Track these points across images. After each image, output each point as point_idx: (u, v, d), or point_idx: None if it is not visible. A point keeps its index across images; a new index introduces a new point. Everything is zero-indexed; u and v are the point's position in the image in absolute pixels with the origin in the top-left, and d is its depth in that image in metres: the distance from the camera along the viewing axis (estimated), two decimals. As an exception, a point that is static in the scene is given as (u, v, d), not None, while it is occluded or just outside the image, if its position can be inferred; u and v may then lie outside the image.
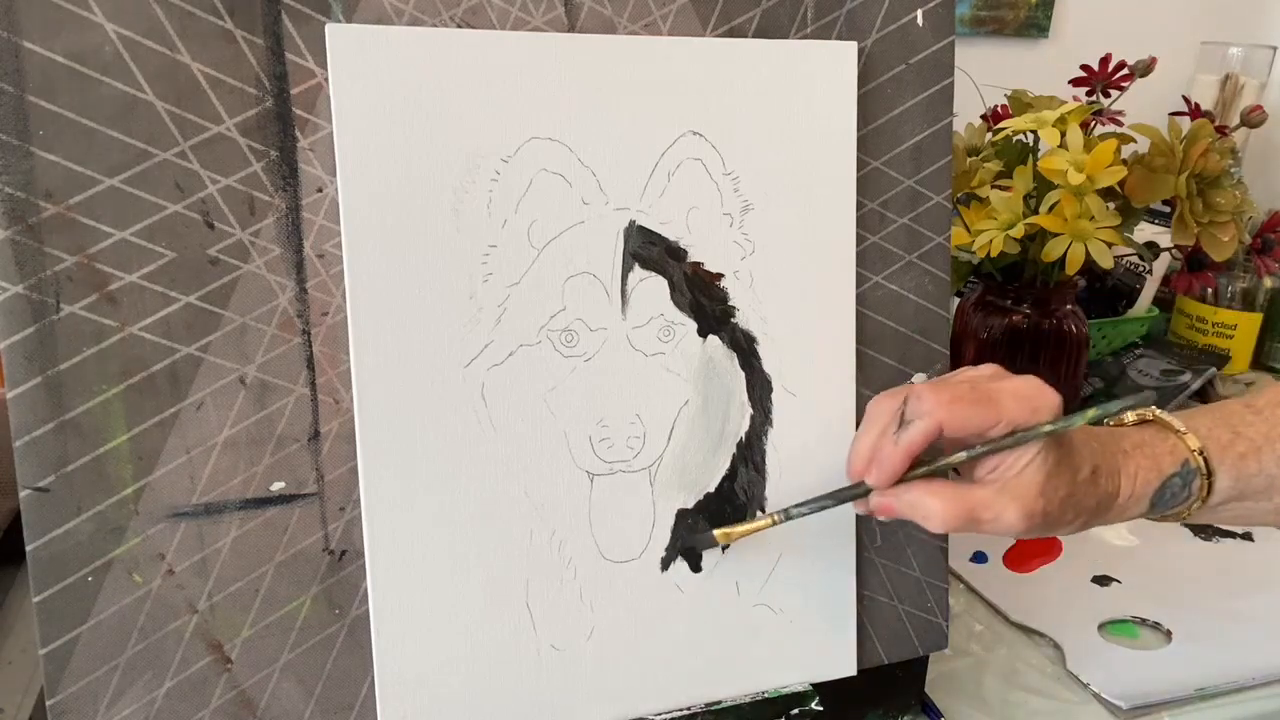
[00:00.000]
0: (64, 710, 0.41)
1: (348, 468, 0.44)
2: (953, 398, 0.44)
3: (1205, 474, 0.48)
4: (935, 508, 0.44)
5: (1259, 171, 1.30)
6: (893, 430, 0.45)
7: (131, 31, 0.40)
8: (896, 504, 0.45)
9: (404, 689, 0.45)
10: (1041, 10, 1.28)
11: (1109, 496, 0.47)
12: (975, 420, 0.44)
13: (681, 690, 0.50)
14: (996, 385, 0.45)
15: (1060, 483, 0.45)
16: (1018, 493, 0.44)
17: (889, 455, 0.45)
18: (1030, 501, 0.44)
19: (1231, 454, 0.49)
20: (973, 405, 0.44)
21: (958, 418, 0.44)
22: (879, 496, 0.46)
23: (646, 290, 0.47)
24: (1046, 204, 0.79)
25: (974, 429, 0.44)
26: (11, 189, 0.39)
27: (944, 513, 0.44)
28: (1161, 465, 0.48)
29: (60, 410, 0.40)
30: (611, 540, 0.48)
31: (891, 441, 0.45)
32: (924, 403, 0.44)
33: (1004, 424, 0.44)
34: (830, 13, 0.50)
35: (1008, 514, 0.44)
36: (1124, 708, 0.60)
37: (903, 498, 0.45)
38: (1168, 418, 0.50)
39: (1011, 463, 0.45)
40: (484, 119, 0.44)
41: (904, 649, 0.56)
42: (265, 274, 0.42)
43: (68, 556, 0.41)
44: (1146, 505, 0.49)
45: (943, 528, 0.45)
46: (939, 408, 0.44)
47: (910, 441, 0.44)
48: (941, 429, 0.44)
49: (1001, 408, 0.44)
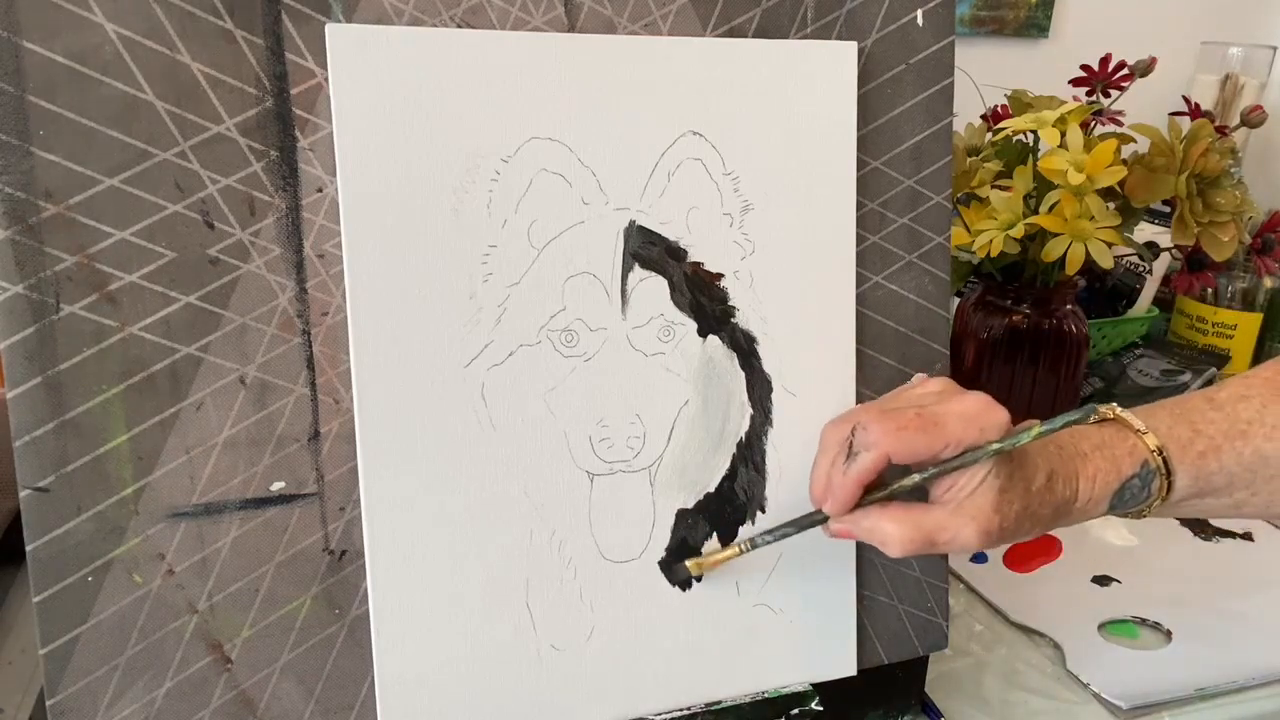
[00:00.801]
0: (64, 710, 0.41)
1: (348, 468, 0.44)
2: (898, 426, 0.44)
3: (1165, 474, 0.48)
4: (892, 532, 0.45)
5: (1259, 171, 1.30)
6: (841, 460, 0.45)
7: (131, 31, 0.40)
8: (854, 530, 0.46)
9: (404, 689, 0.45)
10: (1041, 10, 1.28)
11: (1066, 502, 0.47)
12: (921, 447, 0.44)
13: (681, 690, 0.50)
14: (943, 409, 0.45)
15: (1014, 496, 0.45)
16: (973, 512, 0.45)
17: (839, 485, 0.45)
18: (986, 519, 0.45)
19: (1191, 453, 0.49)
20: (918, 433, 0.44)
21: (905, 446, 0.44)
22: (836, 524, 0.46)
23: (646, 290, 0.47)
24: (1046, 204, 0.79)
25: (921, 456, 0.44)
26: (11, 189, 0.39)
27: (900, 537, 0.45)
28: (1121, 467, 0.48)
29: (60, 410, 0.40)
30: (611, 540, 0.48)
31: (841, 472, 0.45)
32: (870, 434, 0.44)
33: (951, 446, 0.44)
34: (830, 13, 0.50)
35: (964, 533, 0.45)
36: (1124, 708, 0.60)
37: (860, 524, 0.46)
38: (1128, 416, 0.50)
39: (964, 483, 0.45)
40: (484, 119, 0.44)
41: (904, 649, 0.56)
42: (265, 274, 0.42)
43: (68, 556, 0.41)
44: (1105, 507, 0.49)
45: (900, 552, 0.45)
46: (884, 438, 0.44)
47: (860, 471, 0.44)
48: (889, 458, 0.44)
49: (947, 431, 0.44)
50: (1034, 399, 0.87)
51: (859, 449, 0.45)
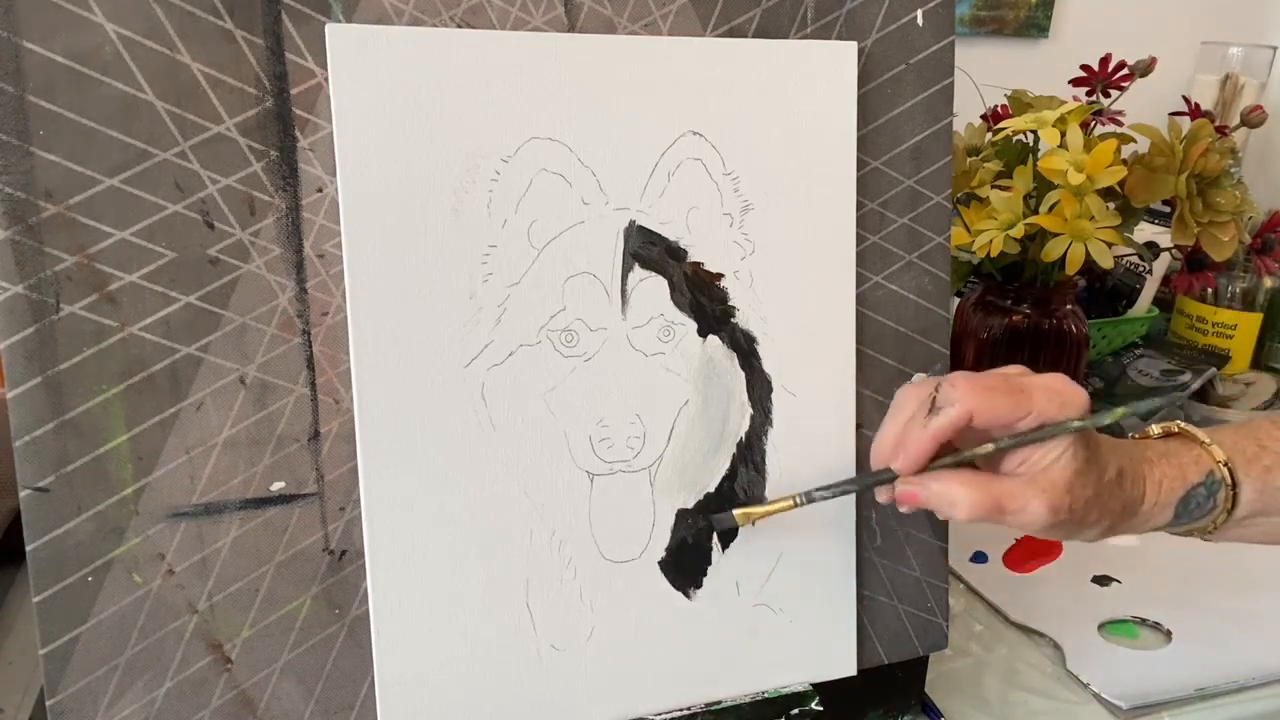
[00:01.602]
0: (64, 710, 0.41)
1: (348, 468, 0.44)
2: (986, 387, 0.44)
3: (1230, 485, 0.48)
4: (962, 495, 0.44)
5: (1259, 171, 1.30)
6: (922, 415, 0.45)
7: (131, 31, 0.40)
8: (922, 492, 0.45)
9: (404, 689, 0.45)
10: (1041, 10, 1.28)
11: (1134, 501, 0.47)
12: (1006, 411, 0.44)
13: (681, 690, 0.50)
14: (1027, 380, 0.45)
15: (1087, 480, 0.45)
16: (1045, 486, 0.44)
17: (916, 439, 0.44)
18: (1057, 496, 0.44)
19: (1257, 466, 0.49)
20: (1005, 395, 0.44)
21: (989, 406, 0.43)
22: (904, 484, 0.45)
23: (646, 290, 0.47)
24: (1046, 204, 0.79)
25: (1004, 420, 0.44)
26: (11, 189, 0.39)
27: (971, 500, 0.44)
28: (1187, 474, 0.48)
29: (60, 410, 0.40)
30: (611, 540, 0.48)
31: (920, 426, 0.44)
32: (956, 390, 0.44)
33: (1033, 417, 0.44)
34: (830, 13, 0.50)
35: (1034, 505, 0.44)
36: (1124, 708, 0.60)
37: (929, 486, 0.45)
38: (1193, 430, 0.50)
39: (1039, 457, 0.45)
40: (484, 119, 0.44)
41: (904, 649, 0.56)
42: (265, 274, 0.42)
43: (68, 556, 0.41)
44: (1171, 514, 0.48)
45: (969, 516, 0.44)
46: (971, 395, 0.43)
47: (939, 427, 0.44)
48: (972, 417, 0.44)
49: (1032, 400, 0.44)
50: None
51: (943, 404, 0.44)
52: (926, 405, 0.45)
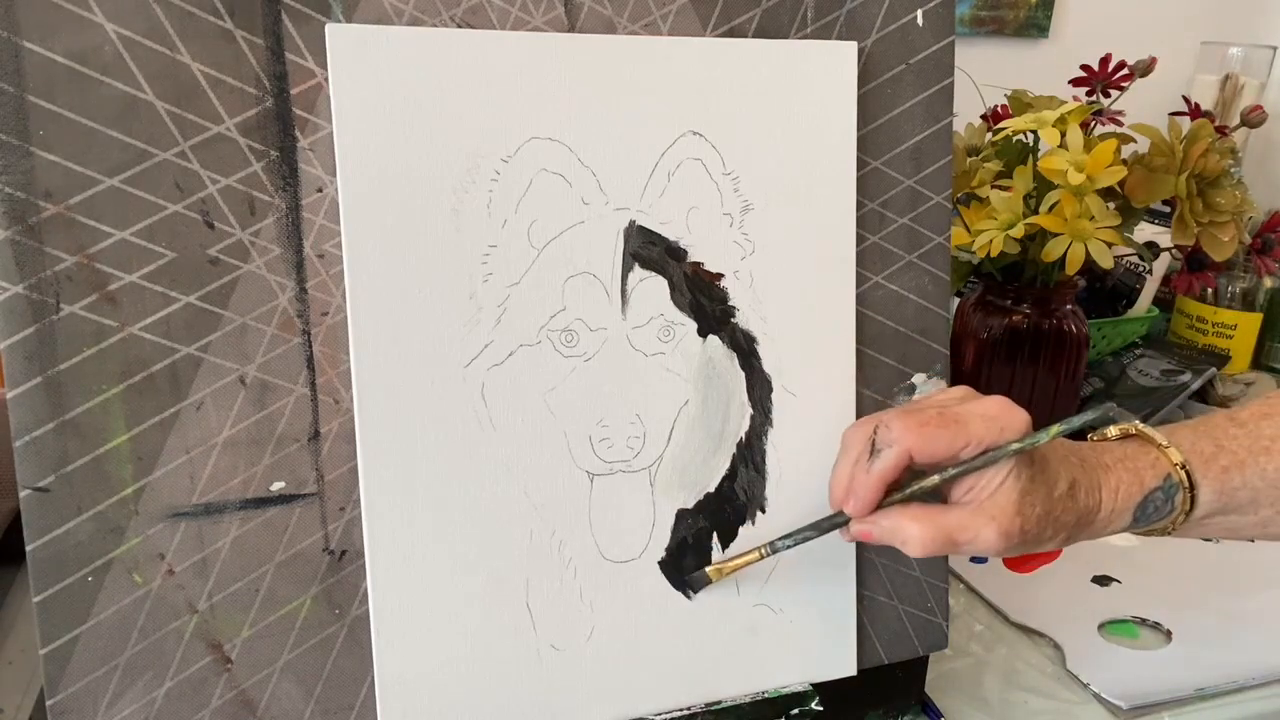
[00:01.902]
0: (64, 710, 0.41)
1: (348, 468, 0.44)
2: (920, 423, 0.44)
3: (1188, 487, 0.48)
4: (913, 532, 0.45)
5: (1259, 171, 1.30)
6: (865, 459, 0.46)
7: (131, 31, 0.40)
8: (875, 530, 0.46)
9: (404, 689, 0.45)
10: (1041, 10, 1.28)
11: (1089, 511, 0.47)
12: (943, 444, 0.44)
13: (681, 690, 0.50)
14: (964, 408, 0.45)
15: (1036, 499, 0.45)
16: (993, 513, 0.45)
17: (862, 484, 0.45)
18: (1007, 520, 0.45)
19: (1215, 467, 0.49)
20: (940, 429, 0.44)
21: (927, 443, 0.44)
22: (857, 525, 0.46)
23: (646, 290, 0.47)
24: (1046, 204, 0.79)
25: (943, 453, 0.44)
26: (11, 189, 0.39)
27: (921, 537, 0.45)
28: (1144, 479, 0.48)
29: (60, 410, 0.40)
30: (611, 540, 0.48)
31: (864, 470, 0.45)
32: (892, 431, 0.45)
33: (973, 445, 0.44)
34: (830, 13, 0.50)
35: (985, 533, 0.45)
36: (1124, 708, 0.60)
37: (880, 524, 0.46)
38: (1150, 431, 0.50)
39: (985, 483, 0.45)
40: (484, 119, 0.44)
41: (904, 649, 0.56)
42: (265, 274, 0.42)
43: (68, 556, 0.41)
44: (1129, 519, 0.49)
45: (921, 552, 0.45)
46: (906, 434, 0.44)
47: (882, 470, 0.45)
48: (911, 455, 0.44)
49: (969, 429, 0.44)
50: (1034, 399, 0.87)
51: (881, 446, 0.45)
52: (868, 447, 0.46)
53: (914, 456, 0.44)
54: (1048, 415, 0.88)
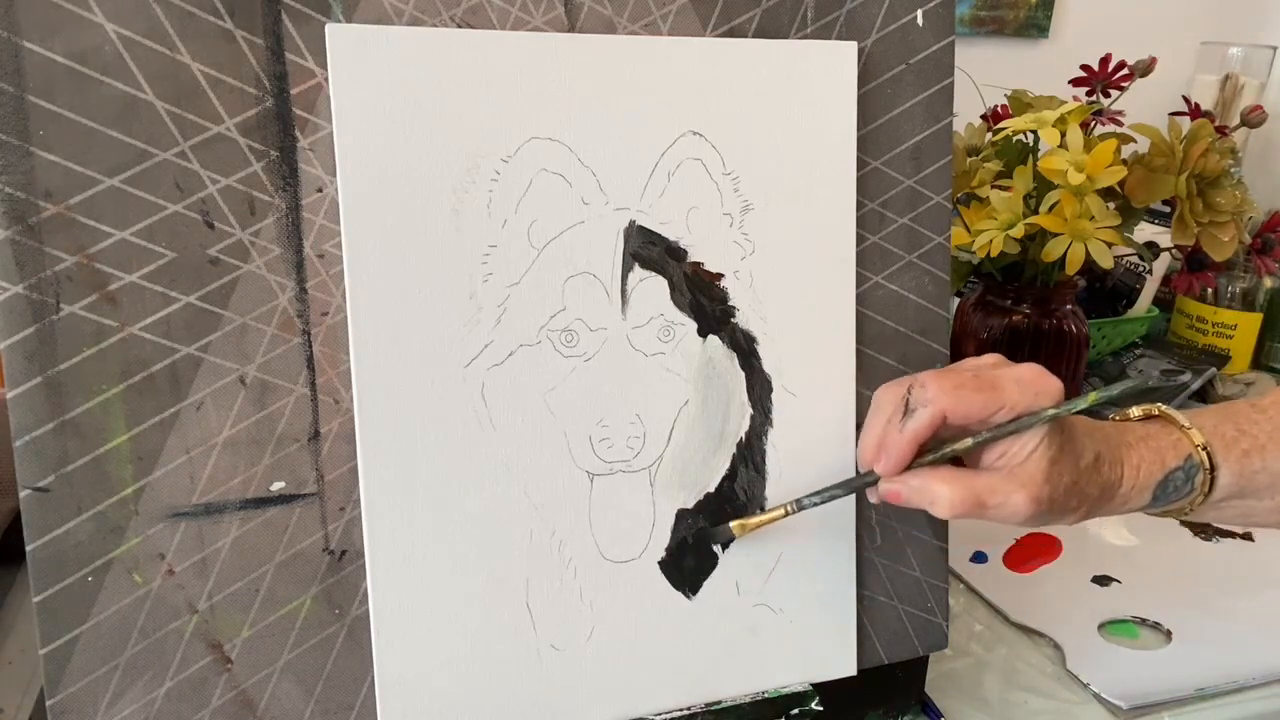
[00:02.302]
0: (64, 710, 0.41)
1: (348, 468, 0.44)
2: (956, 384, 0.44)
3: (1208, 469, 0.49)
4: (943, 492, 0.45)
5: (1259, 171, 1.30)
6: (898, 419, 0.45)
7: (131, 31, 0.40)
8: (904, 490, 0.46)
9: (404, 689, 0.45)
10: (1041, 10, 1.28)
11: (1111, 485, 0.48)
12: (978, 406, 0.44)
13: (681, 690, 0.50)
14: (999, 373, 0.45)
15: (1064, 469, 0.45)
16: (1024, 479, 0.45)
17: (895, 443, 0.45)
18: (1037, 487, 0.45)
19: (1235, 450, 0.49)
20: (976, 392, 0.44)
21: (961, 404, 0.44)
22: (887, 484, 0.46)
23: (646, 290, 0.47)
24: (1046, 204, 0.79)
25: (977, 415, 0.45)
26: (11, 189, 0.39)
27: (951, 497, 0.45)
28: (1165, 458, 0.48)
29: (60, 410, 0.40)
30: (611, 540, 0.48)
31: (897, 430, 0.45)
32: (928, 390, 0.45)
33: (1007, 410, 0.44)
34: (830, 13, 0.50)
35: (1015, 499, 0.45)
36: (1124, 708, 0.60)
37: (910, 484, 0.46)
38: (1173, 413, 0.50)
39: (1017, 450, 0.45)
40: (484, 119, 0.44)
41: (904, 649, 0.56)
42: (265, 274, 0.42)
43: (68, 556, 0.41)
44: (1149, 497, 0.49)
45: (950, 513, 0.45)
46: (942, 395, 0.44)
47: (915, 429, 0.45)
48: (946, 416, 0.44)
49: (1004, 393, 0.44)
50: (1034, 399, 0.87)
51: (915, 406, 0.45)
52: (901, 406, 0.46)
53: (948, 418, 0.44)
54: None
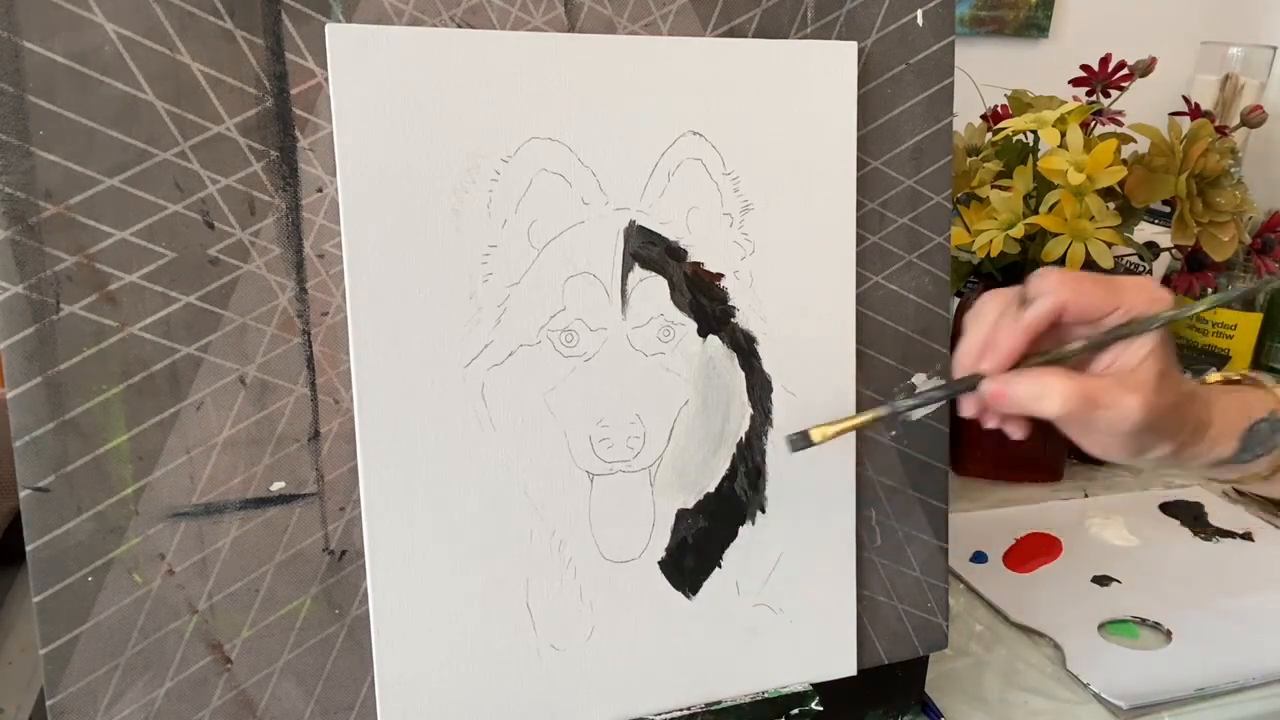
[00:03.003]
0: (64, 710, 0.41)
1: (348, 468, 0.44)
2: (1077, 278, 0.43)
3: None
4: (1054, 386, 0.43)
5: (1259, 171, 1.30)
6: (1012, 312, 0.44)
7: (131, 31, 0.40)
8: (1011, 390, 0.44)
9: (404, 689, 0.45)
10: (1041, 10, 1.28)
11: (1203, 424, 0.48)
12: (1098, 300, 0.44)
13: (681, 690, 0.50)
14: (1114, 276, 0.45)
15: (1169, 386, 0.45)
16: (1135, 385, 0.44)
17: (1009, 332, 0.44)
18: (1149, 393, 0.44)
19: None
20: (1096, 285, 0.44)
21: (1083, 296, 0.43)
22: (991, 383, 0.44)
23: (646, 290, 0.47)
24: (1046, 204, 0.79)
25: (1095, 312, 0.44)
26: (11, 189, 0.39)
27: (1065, 390, 0.43)
28: (1251, 409, 0.49)
29: (60, 410, 0.40)
30: (611, 540, 0.48)
31: (1012, 319, 0.44)
32: (1048, 281, 0.43)
33: (1123, 310, 0.44)
34: (830, 13, 0.50)
35: (1128, 401, 0.43)
36: (1124, 708, 0.60)
37: (1019, 381, 0.44)
38: (1256, 376, 0.51)
39: (1128, 358, 0.44)
40: (484, 119, 0.44)
41: (904, 649, 0.56)
42: (265, 274, 0.42)
43: (68, 556, 0.41)
44: (1235, 446, 0.49)
45: (1061, 409, 0.43)
46: (1063, 285, 0.43)
47: (1033, 318, 0.43)
48: (1065, 309, 0.43)
49: (1123, 293, 0.44)
50: (1034, 399, 0.87)
51: (1034, 296, 0.44)
52: (1015, 302, 0.44)
53: (1067, 310, 0.43)
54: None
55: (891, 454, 0.54)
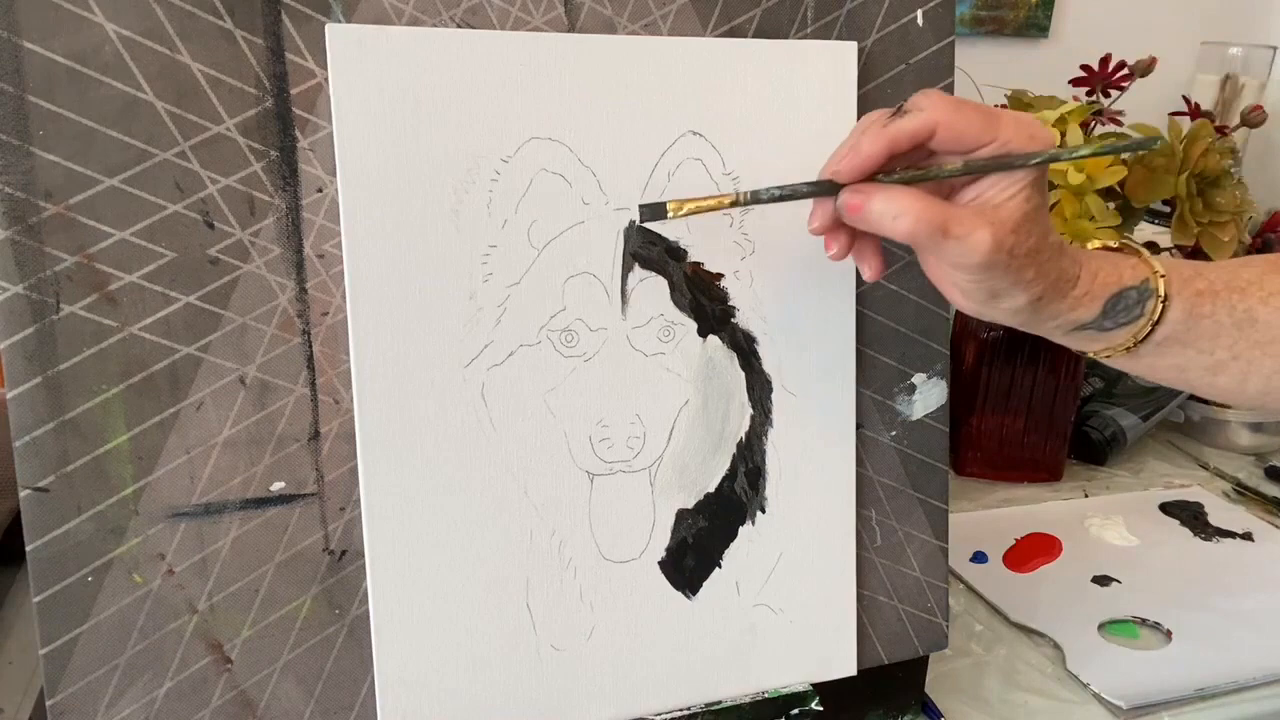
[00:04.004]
0: (64, 710, 0.41)
1: (348, 468, 0.44)
2: (957, 102, 0.42)
3: (1161, 296, 0.47)
4: (908, 205, 0.41)
5: (1259, 171, 1.30)
6: (883, 119, 0.42)
7: (131, 31, 0.40)
8: (867, 201, 0.42)
9: (404, 689, 0.45)
10: (1041, 10, 1.28)
11: (1068, 279, 0.46)
12: (974, 129, 0.42)
13: (681, 690, 0.50)
14: (998, 110, 0.43)
15: (1034, 229, 0.43)
16: (994, 219, 0.42)
17: (871, 138, 0.41)
18: (1004, 233, 0.42)
19: (1190, 289, 0.48)
20: (975, 113, 0.42)
21: (958, 120, 0.41)
22: (848, 193, 0.42)
23: (646, 290, 0.47)
24: (1046, 204, 0.79)
25: (969, 140, 0.42)
26: (11, 189, 0.39)
27: (916, 211, 0.41)
28: (1123, 275, 0.47)
29: (60, 410, 0.40)
30: (611, 540, 0.48)
31: (879, 126, 0.42)
32: (928, 98, 0.42)
33: (999, 143, 0.42)
34: (830, 13, 0.50)
35: (979, 234, 0.42)
36: (1124, 708, 0.60)
37: (877, 195, 0.42)
38: (1136, 244, 0.49)
39: (996, 193, 0.43)
40: (484, 119, 0.44)
41: (904, 649, 0.56)
42: (265, 274, 0.42)
43: (68, 556, 0.41)
44: (1099, 309, 0.47)
45: (910, 230, 0.41)
46: (940, 106, 0.41)
47: (898, 130, 0.42)
48: (936, 129, 0.42)
49: (1001, 125, 0.42)
50: (1034, 399, 0.88)
51: (909, 109, 0.42)
52: (889, 112, 0.42)
53: (938, 132, 0.42)
54: (1048, 415, 0.88)
55: (891, 454, 0.54)
